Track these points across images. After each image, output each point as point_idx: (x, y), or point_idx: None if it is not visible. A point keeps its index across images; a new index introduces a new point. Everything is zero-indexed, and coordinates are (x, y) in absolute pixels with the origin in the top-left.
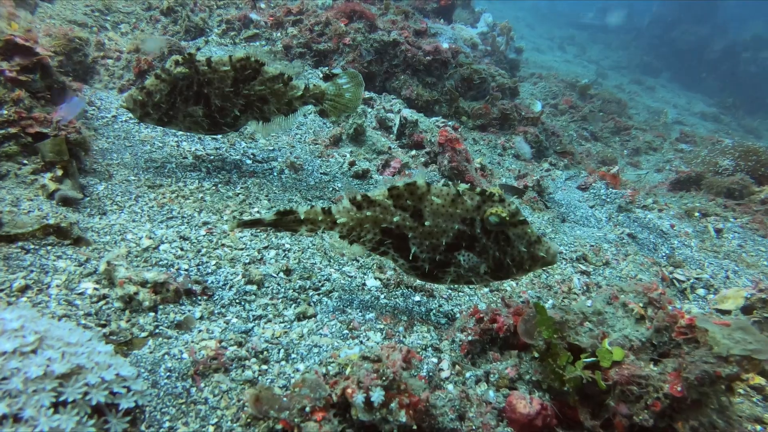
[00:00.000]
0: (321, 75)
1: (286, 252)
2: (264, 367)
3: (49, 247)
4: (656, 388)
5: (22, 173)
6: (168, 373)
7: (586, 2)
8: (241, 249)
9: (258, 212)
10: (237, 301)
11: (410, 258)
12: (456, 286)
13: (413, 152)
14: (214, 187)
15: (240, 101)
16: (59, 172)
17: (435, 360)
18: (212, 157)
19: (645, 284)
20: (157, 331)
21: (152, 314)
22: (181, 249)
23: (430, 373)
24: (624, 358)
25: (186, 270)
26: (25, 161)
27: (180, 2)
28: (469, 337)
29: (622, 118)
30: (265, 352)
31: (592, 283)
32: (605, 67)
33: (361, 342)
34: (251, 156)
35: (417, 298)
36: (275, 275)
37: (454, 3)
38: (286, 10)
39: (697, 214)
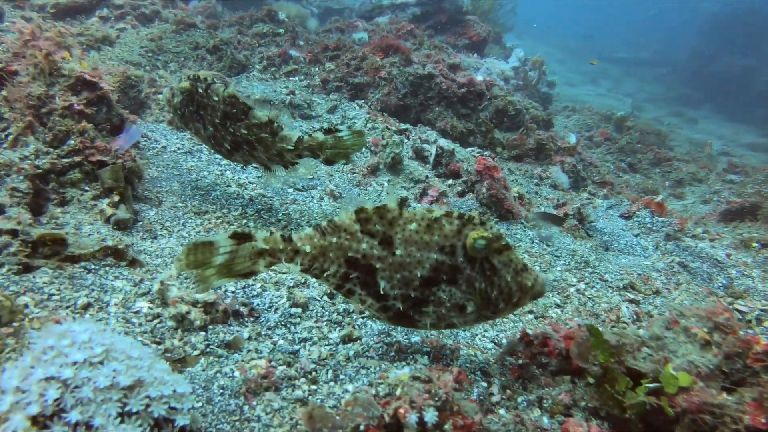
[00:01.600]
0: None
1: None
2: (313, 387)
3: (107, 268)
4: (734, 419)
5: (84, 199)
6: (221, 391)
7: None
8: (285, 272)
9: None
10: (282, 323)
11: (379, 295)
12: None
13: (450, 181)
14: (256, 214)
15: (228, 137)
16: (116, 198)
17: (485, 384)
18: (254, 185)
19: (708, 308)
20: (208, 350)
21: (203, 333)
22: None
23: (481, 397)
24: (692, 385)
25: (233, 292)
26: (87, 188)
27: (225, 41)
28: (520, 361)
29: (662, 149)
30: (313, 373)
31: (642, 312)
32: (641, 100)
33: (409, 364)
34: (292, 184)
35: None
36: (319, 299)
37: (486, 39)
38: (324, 46)
39: (756, 244)
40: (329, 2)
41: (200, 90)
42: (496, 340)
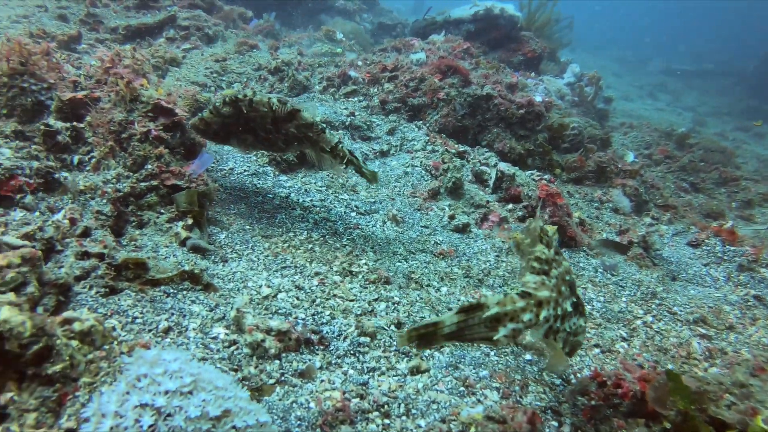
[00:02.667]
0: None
1: (396, 305)
2: (386, 421)
3: (184, 292)
4: None
5: (160, 221)
6: (299, 422)
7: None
8: (352, 300)
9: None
10: (351, 352)
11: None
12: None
13: (510, 206)
14: (322, 238)
15: (281, 137)
16: (190, 221)
17: (555, 423)
18: (318, 208)
19: None
20: (283, 378)
21: (277, 362)
22: (297, 298)
23: None
24: None
25: (303, 319)
26: (162, 210)
27: (286, 62)
28: (593, 402)
29: (728, 168)
30: (386, 406)
31: (715, 349)
32: (703, 113)
33: (479, 401)
34: (354, 208)
35: (528, 356)
36: (387, 328)
37: (541, 55)
38: (382, 66)
39: None
40: (382, 18)
41: (244, 108)
42: (563, 376)
